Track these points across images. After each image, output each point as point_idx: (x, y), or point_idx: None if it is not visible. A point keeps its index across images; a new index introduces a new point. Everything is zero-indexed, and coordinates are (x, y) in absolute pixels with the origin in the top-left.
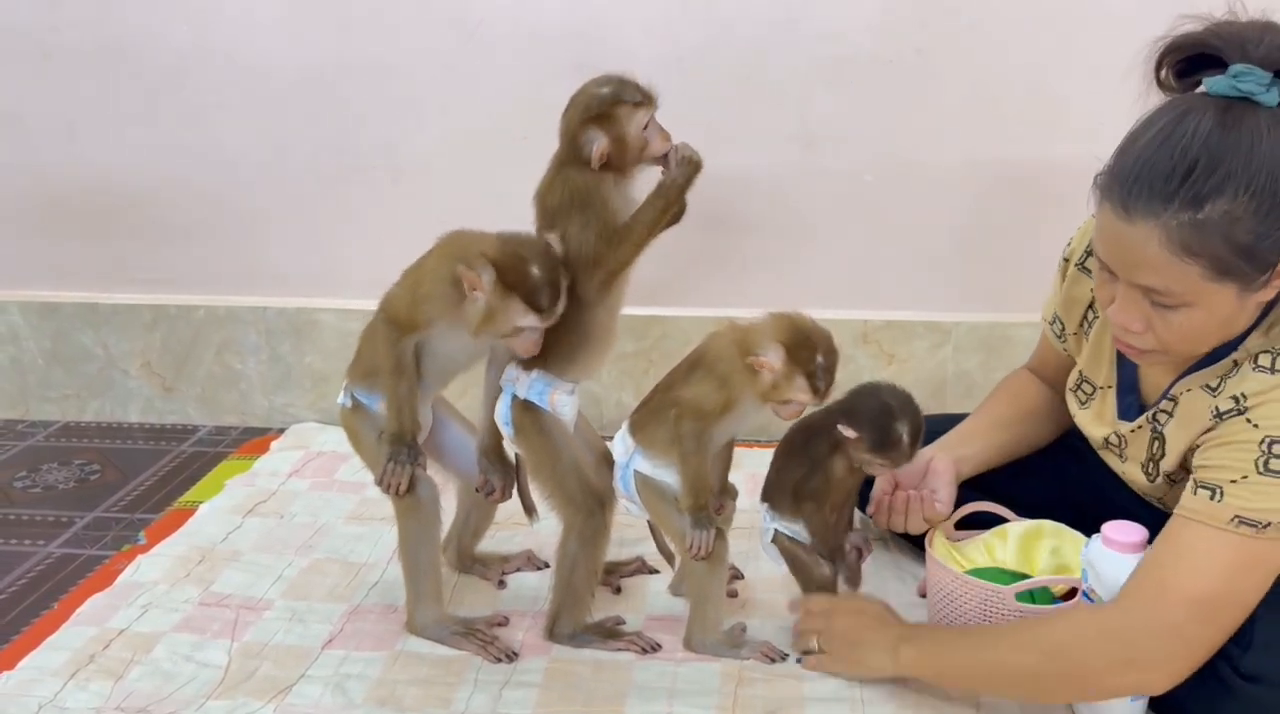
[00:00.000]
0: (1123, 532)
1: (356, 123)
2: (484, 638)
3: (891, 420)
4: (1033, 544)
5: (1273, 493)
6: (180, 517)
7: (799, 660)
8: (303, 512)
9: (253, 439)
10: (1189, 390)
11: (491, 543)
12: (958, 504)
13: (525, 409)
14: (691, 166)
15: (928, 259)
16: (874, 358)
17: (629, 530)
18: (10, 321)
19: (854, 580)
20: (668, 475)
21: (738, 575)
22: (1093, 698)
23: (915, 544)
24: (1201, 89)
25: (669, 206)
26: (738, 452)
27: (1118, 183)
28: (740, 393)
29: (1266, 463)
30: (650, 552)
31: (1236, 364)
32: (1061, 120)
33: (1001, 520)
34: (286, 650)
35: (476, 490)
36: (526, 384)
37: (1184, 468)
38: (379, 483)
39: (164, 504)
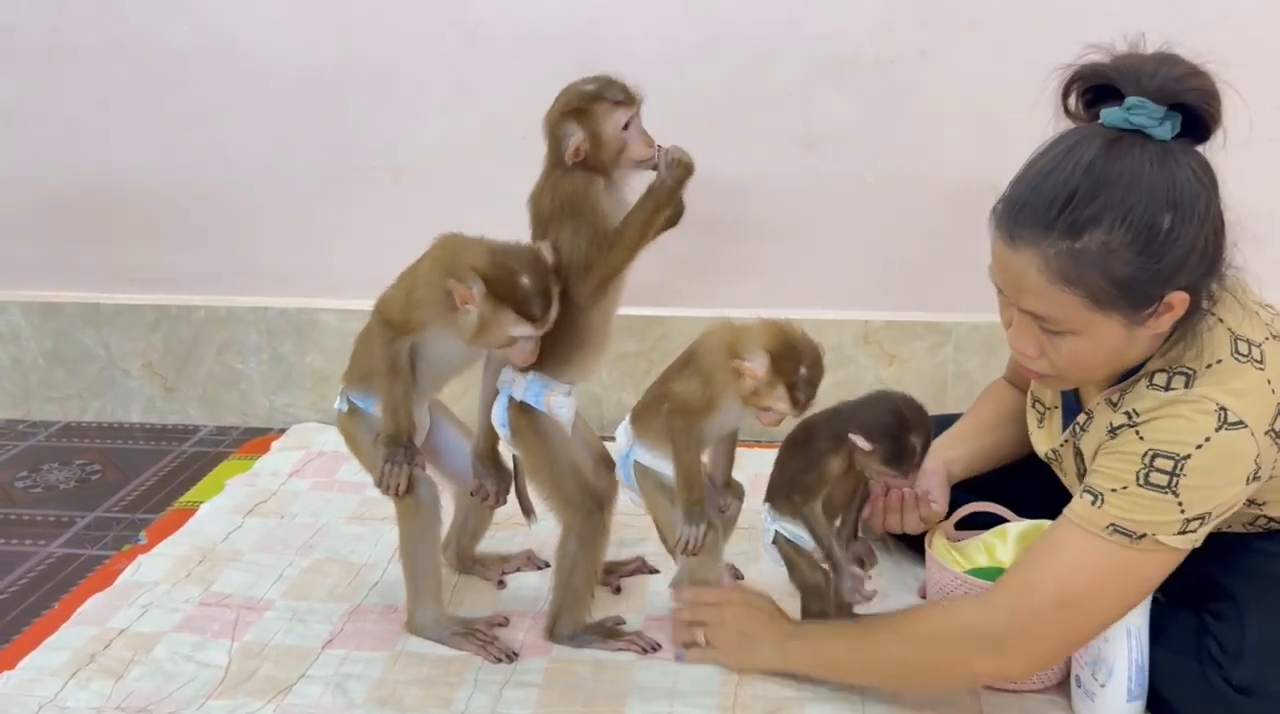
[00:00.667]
0: None
1: (357, 123)
2: (484, 638)
3: (907, 434)
4: (1032, 544)
5: (1149, 506)
6: (181, 517)
7: (679, 656)
8: (303, 512)
9: (253, 439)
10: (1098, 405)
11: (491, 543)
12: (955, 506)
13: (522, 411)
14: (682, 168)
15: (928, 259)
16: (874, 358)
17: (629, 530)
18: (12, 322)
19: (857, 591)
20: (665, 466)
21: (737, 576)
22: (960, 686)
23: (915, 546)
24: (1100, 120)
25: (659, 209)
26: (740, 451)
27: (1006, 210)
28: (722, 392)
29: (1147, 476)
30: (650, 551)
31: (1135, 383)
32: (1063, 121)
33: (1001, 520)
34: (287, 650)
35: (471, 495)
36: (523, 386)
37: None
38: (378, 485)
39: (165, 504)
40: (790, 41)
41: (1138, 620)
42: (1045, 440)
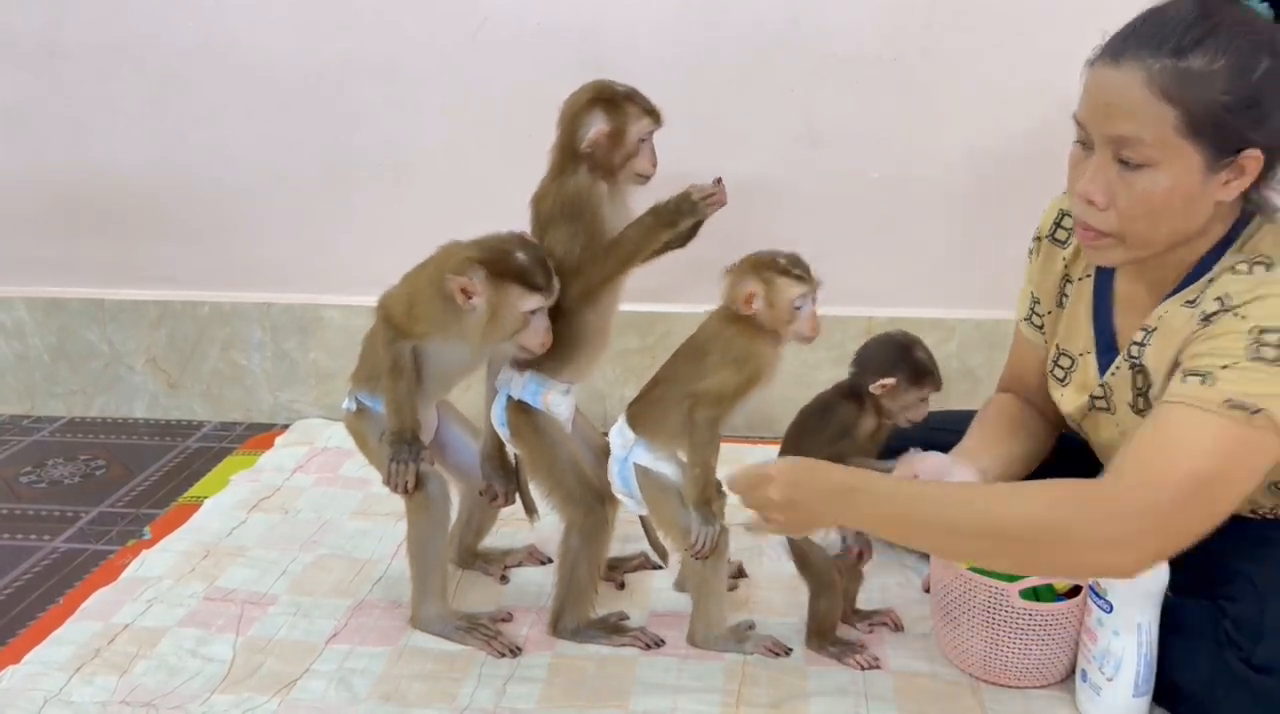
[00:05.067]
0: None
1: (360, 120)
2: (488, 633)
3: (913, 352)
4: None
5: (1263, 379)
6: (185, 512)
7: (746, 526)
8: (307, 507)
9: (257, 435)
10: (1167, 312)
11: (494, 538)
12: None
13: (520, 410)
14: (686, 200)
15: (932, 256)
16: None
17: (633, 526)
18: (16, 317)
19: (855, 582)
20: (669, 468)
21: (741, 574)
22: (1059, 573)
23: None
24: None
25: (658, 228)
26: (741, 448)
27: (1114, 37)
28: (761, 359)
29: (1257, 350)
30: (648, 548)
31: (1212, 281)
32: (1065, 118)
33: None
34: (291, 645)
35: (480, 495)
36: (520, 385)
37: None
38: (386, 483)
39: (169, 499)
40: (792, 40)
41: (1148, 615)
42: (1078, 393)
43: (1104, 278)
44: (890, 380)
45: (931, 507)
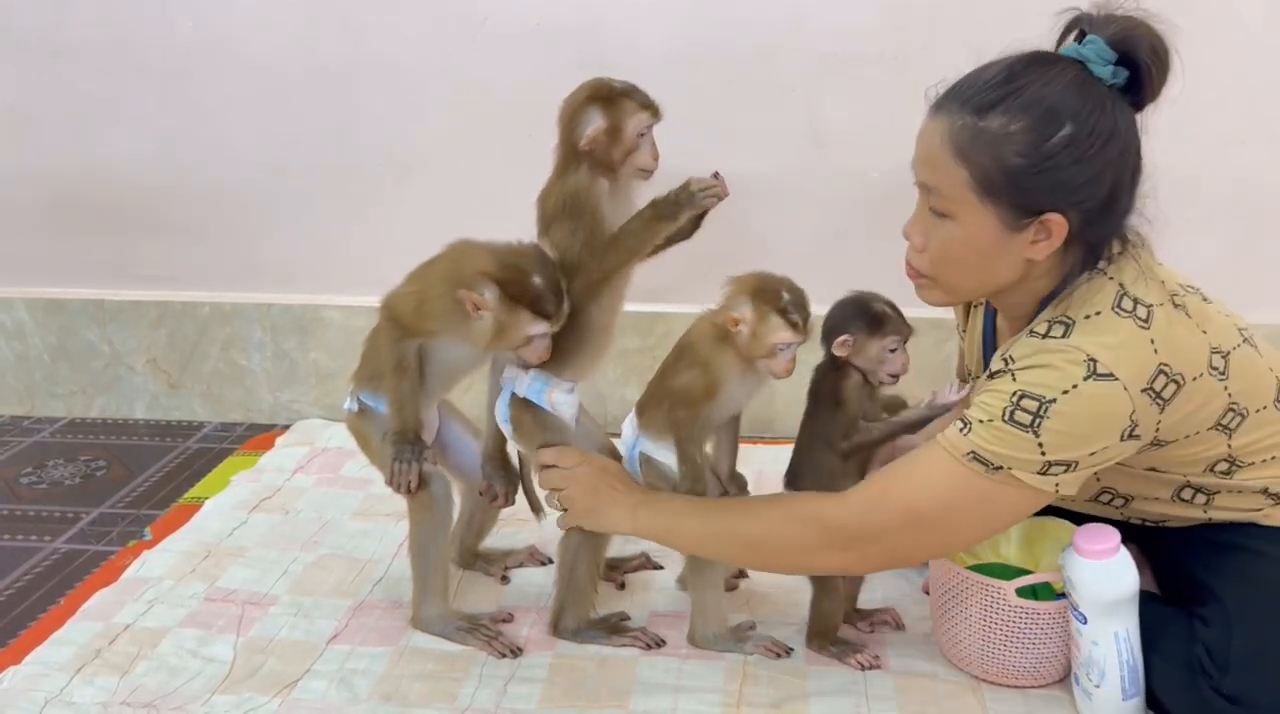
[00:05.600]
0: (1093, 539)
1: (361, 119)
2: (489, 633)
3: (866, 304)
4: (1037, 540)
5: (1010, 441)
6: (186, 512)
7: (559, 523)
8: (308, 507)
9: (258, 435)
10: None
11: (495, 539)
12: None
13: (524, 407)
14: (685, 192)
15: None
16: None
17: None
18: (17, 318)
19: (856, 582)
20: (669, 456)
21: (743, 574)
22: (798, 572)
23: None
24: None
25: (658, 221)
26: (745, 448)
27: (945, 87)
28: (722, 372)
29: (1013, 413)
30: (653, 547)
31: (1020, 336)
32: None
33: None
34: (292, 646)
35: (481, 495)
36: (525, 383)
37: None
38: (389, 483)
39: (169, 500)
40: (794, 38)
41: (1125, 623)
42: None
43: (991, 310)
44: (847, 336)
45: (698, 529)
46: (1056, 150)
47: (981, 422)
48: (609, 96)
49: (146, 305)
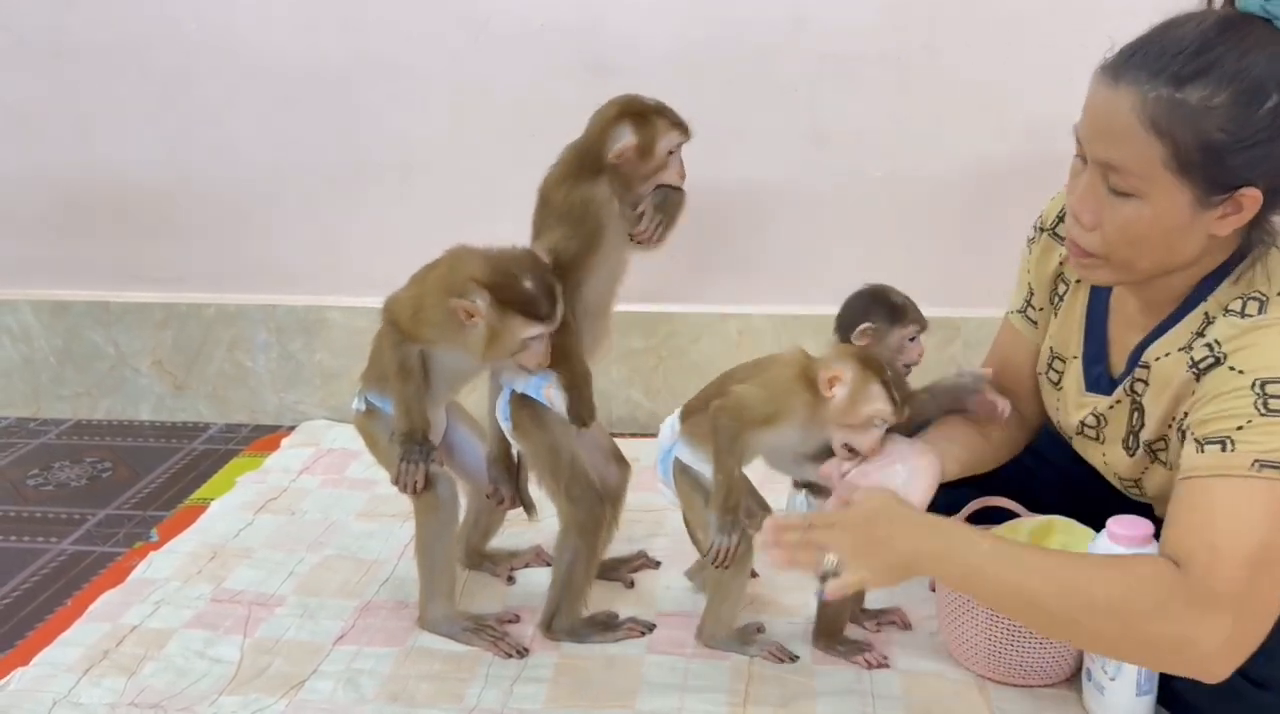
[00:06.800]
0: (1129, 526)
1: (366, 120)
2: (495, 634)
3: (883, 295)
4: (1044, 539)
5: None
6: (192, 514)
7: (818, 594)
8: (314, 508)
9: (263, 436)
10: (1159, 357)
11: (501, 539)
12: (965, 501)
13: (523, 404)
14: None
15: (936, 254)
16: None
17: (636, 526)
18: (22, 320)
19: (859, 597)
20: (705, 469)
21: (753, 574)
22: (1139, 655)
23: None
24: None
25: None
26: None
27: (1117, 54)
28: (787, 411)
29: (1265, 403)
30: (652, 547)
31: (1207, 317)
32: (1071, 115)
33: (1012, 515)
34: (298, 646)
35: (487, 497)
36: (523, 379)
37: (1162, 438)
38: (395, 483)
39: (175, 501)
40: (794, 39)
41: None
42: (1071, 406)
43: (1101, 290)
44: (868, 325)
45: (1010, 569)
46: (1262, 121)
47: (1240, 428)
48: (642, 113)
49: (151, 307)
